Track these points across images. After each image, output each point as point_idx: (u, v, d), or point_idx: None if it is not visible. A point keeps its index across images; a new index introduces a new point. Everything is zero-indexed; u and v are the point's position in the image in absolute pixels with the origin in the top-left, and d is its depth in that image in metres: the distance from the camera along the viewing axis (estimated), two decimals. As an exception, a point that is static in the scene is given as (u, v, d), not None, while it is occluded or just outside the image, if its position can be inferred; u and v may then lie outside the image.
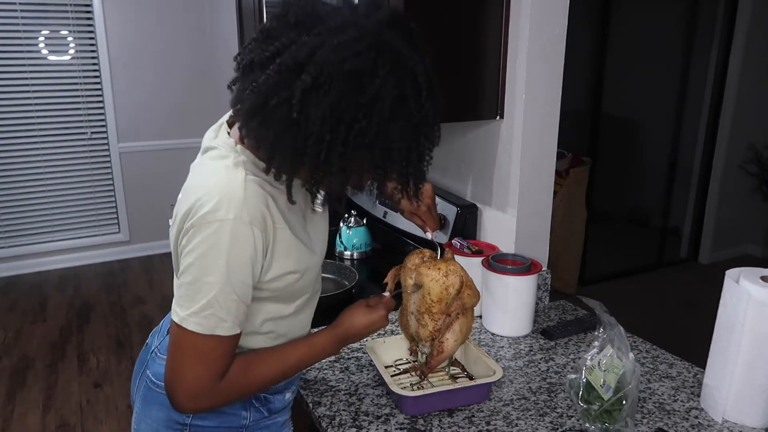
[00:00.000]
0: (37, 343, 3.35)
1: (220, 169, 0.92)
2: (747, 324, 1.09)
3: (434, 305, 1.13)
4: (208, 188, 0.89)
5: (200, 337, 0.90)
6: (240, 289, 0.91)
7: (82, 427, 2.65)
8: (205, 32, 4.43)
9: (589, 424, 1.11)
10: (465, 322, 1.17)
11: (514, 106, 1.55)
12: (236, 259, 0.88)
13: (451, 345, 1.16)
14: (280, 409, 1.14)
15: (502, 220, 1.65)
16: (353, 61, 0.79)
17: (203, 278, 0.88)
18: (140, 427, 1.09)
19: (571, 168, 3.71)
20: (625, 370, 1.09)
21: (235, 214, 0.87)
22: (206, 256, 0.88)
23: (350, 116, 0.80)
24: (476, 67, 1.52)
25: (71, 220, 4.40)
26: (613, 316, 1.15)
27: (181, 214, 0.91)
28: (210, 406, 0.98)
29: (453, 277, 1.13)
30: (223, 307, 0.89)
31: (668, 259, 4.61)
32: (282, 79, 0.80)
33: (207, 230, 0.87)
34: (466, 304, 1.15)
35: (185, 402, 0.94)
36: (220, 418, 1.06)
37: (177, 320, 0.90)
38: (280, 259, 0.95)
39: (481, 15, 1.49)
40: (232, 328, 0.92)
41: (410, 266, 1.18)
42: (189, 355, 0.92)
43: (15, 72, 3.99)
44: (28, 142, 4.14)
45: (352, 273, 1.70)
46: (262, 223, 0.90)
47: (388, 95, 0.81)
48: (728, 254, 4.60)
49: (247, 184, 0.90)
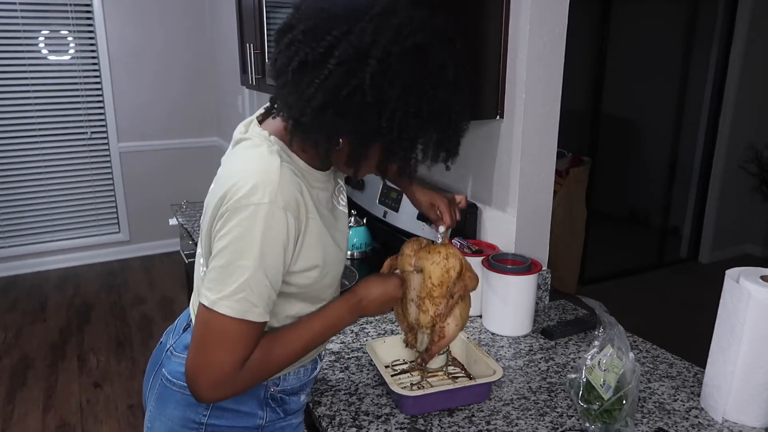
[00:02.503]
0: (37, 343, 3.35)
1: (255, 156, 0.93)
2: (747, 324, 1.09)
3: (435, 289, 1.12)
4: (243, 173, 0.90)
5: (230, 321, 0.88)
6: (272, 274, 0.90)
7: (82, 427, 2.65)
8: (205, 32, 4.44)
9: (589, 424, 1.11)
10: (464, 307, 1.16)
11: (514, 106, 1.55)
12: (270, 244, 0.88)
13: (452, 330, 1.15)
14: (295, 411, 1.13)
15: (502, 220, 1.65)
16: (415, 37, 0.83)
17: (237, 261, 0.88)
18: (154, 426, 1.08)
19: (571, 168, 3.71)
20: (625, 369, 1.09)
21: (270, 198, 0.87)
22: (241, 240, 0.87)
23: (421, 88, 0.85)
24: (476, 67, 1.52)
25: (71, 220, 4.40)
26: (613, 315, 1.15)
27: (216, 200, 0.91)
28: (232, 394, 0.96)
29: (453, 260, 1.13)
30: (255, 291, 0.89)
31: (668, 259, 4.61)
32: (348, 69, 0.83)
33: (243, 214, 0.87)
34: (468, 286, 1.15)
35: (208, 391, 0.91)
36: (237, 417, 1.05)
37: (207, 303, 0.89)
38: (309, 250, 0.95)
39: (481, 15, 1.49)
40: (262, 315, 0.91)
41: (409, 252, 1.17)
42: (215, 341, 0.90)
43: (15, 72, 3.99)
44: (28, 142, 4.14)
45: (352, 273, 1.70)
46: (295, 209, 0.91)
47: (450, 63, 0.87)
48: (728, 254, 4.60)
49: (283, 170, 0.90)
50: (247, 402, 1.05)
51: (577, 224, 3.79)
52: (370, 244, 1.97)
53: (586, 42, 4.07)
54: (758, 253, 4.65)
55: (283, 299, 0.99)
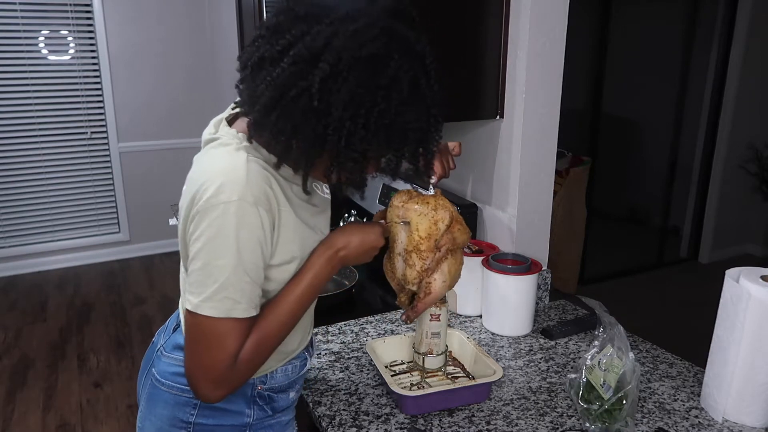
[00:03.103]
0: (37, 343, 3.35)
1: (222, 154, 0.93)
2: (747, 324, 1.09)
3: (422, 242, 1.07)
4: (210, 173, 0.90)
5: (216, 321, 0.88)
6: (252, 269, 0.90)
7: (82, 427, 2.65)
8: (205, 32, 4.43)
9: (589, 424, 1.11)
10: (454, 263, 1.11)
11: (514, 106, 1.55)
12: (245, 240, 0.88)
13: (439, 286, 1.10)
14: (284, 408, 1.13)
15: (502, 220, 1.65)
16: (370, 47, 0.81)
17: (214, 262, 0.88)
18: (145, 425, 1.09)
19: (571, 168, 3.71)
20: (625, 369, 1.09)
21: (239, 195, 0.87)
22: (215, 240, 0.87)
23: (370, 100, 0.82)
24: (476, 67, 1.52)
25: (71, 220, 4.40)
26: (613, 315, 1.15)
27: (186, 203, 0.91)
28: (236, 387, 0.96)
29: (442, 211, 1.08)
30: (237, 289, 0.89)
31: (668, 259, 4.61)
32: (299, 70, 0.81)
33: (213, 214, 0.87)
34: (456, 239, 1.09)
35: (210, 391, 0.92)
36: (224, 416, 1.05)
37: (191, 308, 0.89)
38: (286, 243, 0.95)
39: (481, 15, 1.49)
40: (247, 310, 0.91)
41: (397, 204, 1.11)
42: (206, 343, 0.90)
43: (15, 72, 3.99)
44: (28, 142, 4.14)
45: (352, 273, 1.70)
46: (266, 203, 0.90)
47: (405, 77, 0.84)
48: (728, 254, 4.60)
49: (249, 165, 0.90)
50: (234, 400, 1.06)
51: (577, 224, 3.79)
52: (370, 244, 1.97)
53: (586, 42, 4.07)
54: (758, 253, 4.65)
55: (264, 297, 0.99)
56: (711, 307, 1.22)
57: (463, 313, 1.57)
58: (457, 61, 1.48)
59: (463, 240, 1.11)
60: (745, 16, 4.15)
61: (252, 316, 0.92)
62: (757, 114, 4.36)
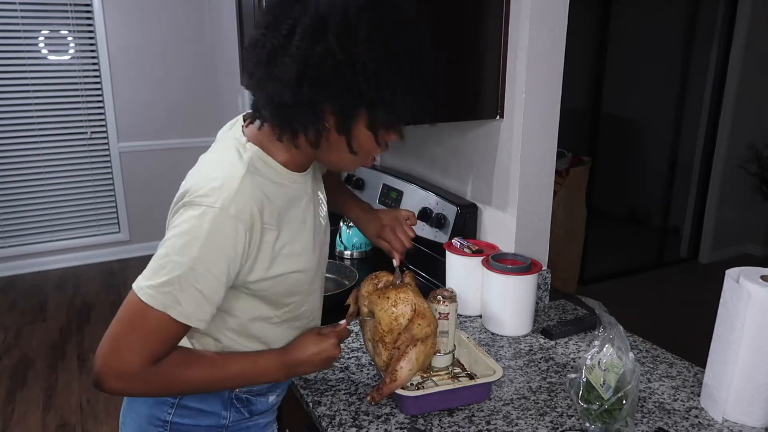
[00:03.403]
0: (37, 343, 3.35)
1: (224, 160, 0.94)
2: (747, 324, 1.09)
3: (386, 335, 1.10)
4: (206, 175, 0.91)
5: (149, 310, 0.87)
6: (204, 281, 0.89)
7: (82, 427, 2.65)
8: (205, 32, 4.43)
9: (589, 424, 1.11)
10: (423, 350, 1.12)
11: (514, 106, 1.55)
12: (211, 249, 0.88)
13: (405, 374, 1.12)
14: (262, 411, 1.14)
15: (502, 220, 1.65)
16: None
17: (173, 255, 0.88)
18: (126, 421, 1.11)
19: (571, 167, 3.71)
20: (625, 369, 1.09)
21: (222, 204, 0.88)
22: (183, 236, 0.88)
23: (386, 31, 0.87)
24: (476, 67, 1.52)
25: (71, 220, 4.39)
26: (612, 315, 1.15)
27: (177, 196, 0.93)
28: (134, 390, 0.94)
29: (403, 306, 1.09)
30: (183, 290, 0.88)
31: (668, 259, 4.61)
32: (313, 40, 0.85)
33: (193, 211, 0.88)
34: (415, 335, 1.10)
35: (111, 379, 0.89)
36: (200, 416, 1.06)
37: (134, 287, 0.89)
38: (265, 261, 0.95)
39: (481, 15, 1.49)
40: (183, 315, 0.89)
41: (364, 293, 1.16)
42: (131, 327, 0.89)
43: (15, 72, 3.99)
44: (28, 142, 4.14)
45: (352, 273, 1.70)
46: (248, 221, 0.90)
47: (407, 8, 0.90)
48: (728, 254, 4.60)
49: (244, 181, 0.91)
50: (211, 401, 1.07)
51: (577, 224, 3.79)
52: (370, 244, 1.97)
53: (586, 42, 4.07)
54: (758, 253, 4.65)
55: (243, 301, 1.00)
56: (711, 307, 1.22)
57: (463, 313, 1.57)
58: (457, 61, 1.48)
59: (424, 334, 1.12)
60: (745, 16, 4.15)
61: (185, 324, 0.90)
62: (757, 114, 4.36)
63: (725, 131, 4.35)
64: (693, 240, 4.63)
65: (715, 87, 4.33)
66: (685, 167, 4.58)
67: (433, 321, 1.14)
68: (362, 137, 0.93)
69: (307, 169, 1.04)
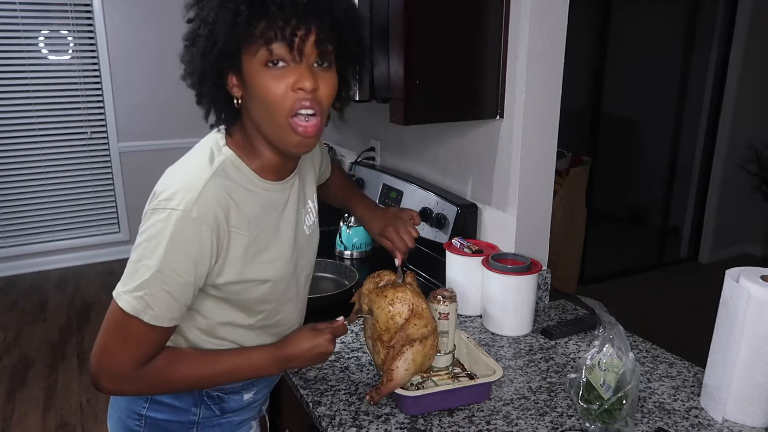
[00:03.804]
0: (37, 343, 3.35)
1: (194, 163, 0.97)
2: (747, 324, 1.09)
3: (383, 333, 1.11)
4: (174, 178, 0.95)
5: (126, 316, 0.91)
6: (172, 282, 0.91)
7: (82, 427, 2.65)
8: (205, 32, 4.43)
9: (589, 424, 1.11)
10: (420, 351, 1.12)
11: (514, 106, 1.55)
12: (175, 251, 0.90)
13: (401, 374, 1.11)
14: (235, 409, 1.15)
15: (502, 220, 1.65)
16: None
17: (143, 260, 0.90)
18: (111, 413, 1.15)
19: (571, 167, 3.71)
20: (625, 369, 1.09)
21: (185, 206, 0.90)
22: (151, 240, 0.90)
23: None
24: (476, 67, 1.52)
25: (71, 220, 4.40)
26: (612, 315, 1.15)
27: (150, 196, 0.95)
28: (132, 390, 1.00)
29: (400, 305, 1.09)
30: (153, 294, 0.90)
31: (668, 259, 4.61)
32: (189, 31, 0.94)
33: (159, 216, 0.90)
34: (411, 335, 1.10)
35: (105, 381, 0.95)
36: (172, 412, 1.09)
37: (114, 293, 0.93)
38: (234, 266, 0.97)
39: (481, 14, 1.49)
40: (156, 319, 0.92)
41: (364, 291, 1.17)
42: (114, 334, 0.93)
43: (15, 72, 3.99)
44: (28, 142, 4.14)
45: (352, 273, 1.70)
46: (213, 223, 0.92)
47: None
48: (728, 254, 4.60)
49: (209, 183, 0.93)
50: (182, 398, 1.09)
51: (577, 224, 3.79)
52: (370, 244, 1.97)
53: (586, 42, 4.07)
54: (758, 253, 4.65)
55: (214, 303, 1.01)
56: (711, 307, 1.22)
57: (463, 313, 1.57)
58: (457, 61, 1.48)
59: (421, 334, 1.11)
60: (745, 16, 4.15)
61: (161, 326, 0.93)
62: (757, 114, 4.36)
63: (725, 131, 4.35)
64: (693, 240, 4.63)
65: (715, 87, 4.33)
66: (685, 167, 4.58)
67: (431, 322, 1.13)
68: (255, 76, 0.91)
69: (285, 178, 1.04)
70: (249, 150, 1.00)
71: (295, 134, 0.92)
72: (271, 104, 0.90)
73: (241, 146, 1.00)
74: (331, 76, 0.94)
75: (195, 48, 0.91)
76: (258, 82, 0.90)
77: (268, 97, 0.90)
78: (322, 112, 0.93)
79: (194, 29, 0.92)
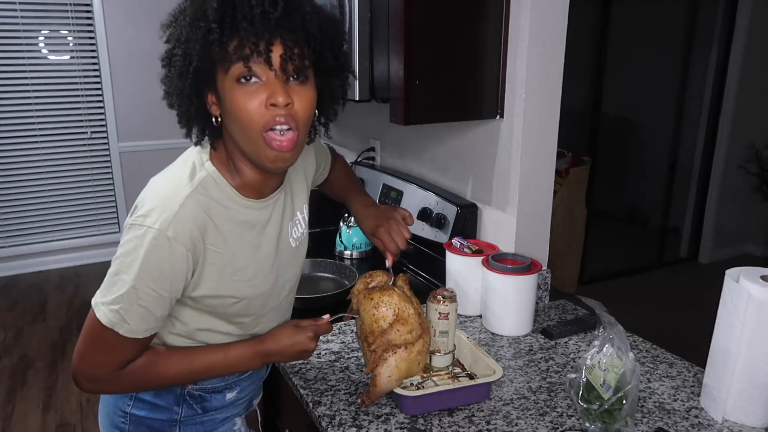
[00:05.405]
0: (37, 343, 3.35)
1: (174, 177, 0.98)
2: (747, 324, 1.09)
3: (368, 336, 1.09)
4: (153, 192, 0.95)
5: (103, 327, 0.93)
6: (147, 297, 0.92)
7: (82, 427, 2.65)
8: (205, 32, 4.43)
9: (589, 424, 1.11)
10: (405, 358, 1.08)
11: (514, 105, 1.55)
12: (149, 268, 0.91)
13: (384, 381, 1.09)
14: (217, 408, 1.16)
15: (502, 220, 1.65)
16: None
17: (120, 274, 0.92)
18: (101, 409, 1.17)
19: (571, 167, 3.71)
20: (625, 369, 1.09)
21: (160, 225, 0.90)
22: (128, 255, 0.92)
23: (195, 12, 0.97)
24: (476, 67, 1.52)
25: (71, 220, 4.40)
26: (612, 315, 1.15)
27: (132, 207, 0.96)
28: (112, 390, 1.04)
29: (385, 309, 1.06)
30: (127, 308, 0.92)
31: (668, 259, 4.61)
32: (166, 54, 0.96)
33: (136, 232, 0.91)
34: (393, 341, 1.06)
35: (85, 382, 0.98)
36: (154, 410, 1.10)
37: (93, 302, 0.95)
38: (210, 282, 0.98)
39: (481, 14, 1.49)
40: (132, 332, 0.94)
41: (354, 291, 1.16)
42: (91, 339, 0.96)
43: (15, 72, 3.99)
44: (28, 142, 4.14)
45: (352, 273, 1.70)
46: (188, 242, 0.92)
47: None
48: (728, 254, 4.60)
49: (186, 202, 0.93)
50: (164, 396, 1.10)
51: (577, 224, 3.79)
52: (370, 244, 1.97)
53: (587, 42, 4.07)
54: (758, 253, 4.65)
55: (192, 311, 1.02)
56: (711, 307, 1.22)
57: (463, 313, 1.57)
58: (457, 61, 1.48)
59: (403, 341, 1.08)
60: (745, 16, 4.15)
61: (136, 338, 0.95)
62: (757, 114, 4.36)
63: (725, 131, 4.35)
64: (693, 240, 4.63)
65: (715, 87, 4.33)
66: (685, 167, 4.57)
67: (417, 328, 1.09)
68: (229, 93, 0.91)
69: (267, 196, 1.04)
70: (231, 167, 1.00)
71: (271, 149, 0.92)
72: (245, 120, 0.90)
73: (224, 162, 1.00)
74: (307, 90, 0.93)
75: (172, 68, 0.93)
76: (232, 98, 0.90)
77: (242, 114, 0.90)
78: (298, 126, 0.92)
79: (170, 50, 0.95)
